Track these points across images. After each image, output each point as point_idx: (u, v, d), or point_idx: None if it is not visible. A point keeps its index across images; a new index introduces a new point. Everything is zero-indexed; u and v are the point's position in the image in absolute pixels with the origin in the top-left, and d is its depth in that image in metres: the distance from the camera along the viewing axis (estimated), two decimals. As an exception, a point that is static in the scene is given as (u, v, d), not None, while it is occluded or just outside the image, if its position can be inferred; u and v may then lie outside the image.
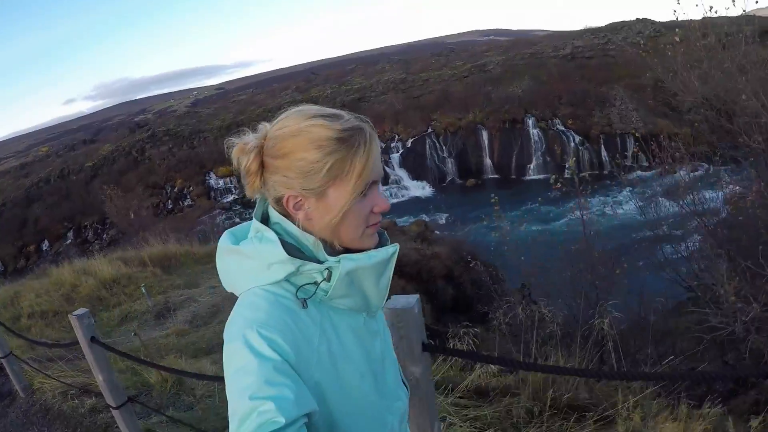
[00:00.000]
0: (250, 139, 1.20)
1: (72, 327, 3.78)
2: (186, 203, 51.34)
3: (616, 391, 3.60)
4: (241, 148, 1.20)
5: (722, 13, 5.66)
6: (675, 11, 5.56)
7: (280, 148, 1.17)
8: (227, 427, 3.34)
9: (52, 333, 8.31)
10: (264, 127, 1.22)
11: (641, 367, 4.25)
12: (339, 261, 1.16)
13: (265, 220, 1.25)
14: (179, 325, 7.56)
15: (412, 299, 1.97)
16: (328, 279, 1.16)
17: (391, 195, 49.47)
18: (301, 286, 1.17)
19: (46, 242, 48.19)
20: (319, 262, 1.17)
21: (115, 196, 23.86)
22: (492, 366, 3.90)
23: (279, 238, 1.16)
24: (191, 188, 52.61)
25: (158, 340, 7.11)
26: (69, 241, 47.21)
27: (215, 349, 6.59)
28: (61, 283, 10.62)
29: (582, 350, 4.06)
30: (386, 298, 1.30)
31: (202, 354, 6.38)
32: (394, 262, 1.27)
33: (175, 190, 52.91)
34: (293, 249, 1.17)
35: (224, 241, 1.25)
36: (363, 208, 1.20)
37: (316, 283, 1.17)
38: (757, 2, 5.03)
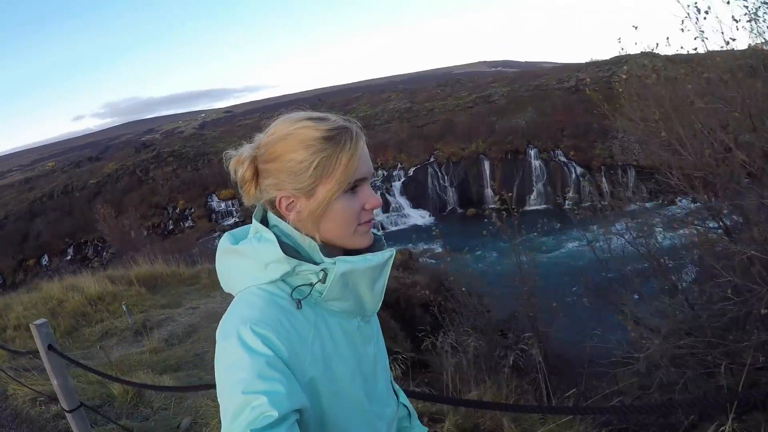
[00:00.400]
0: (245, 149, 1.25)
1: (59, 338, 4.04)
2: (187, 224, 51.56)
3: (542, 422, 3.75)
4: (237, 159, 1.25)
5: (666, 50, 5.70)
6: (622, 48, 5.64)
7: (271, 153, 1.21)
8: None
9: (34, 345, 8.47)
10: (258, 137, 1.26)
11: (567, 394, 4.41)
12: (335, 262, 1.18)
13: (266, 223, 1.28)
14: (155, 343, 7.72)
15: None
16: (324, 280, 1.19)
17: (391, 223, 49.62)
18: (297, 286, 1.20)
19: (46, 257, 48.39)
20: (316, 263, 1.21)
21: (108, 215, 24.09)
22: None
23: (277, 239, 1.19)
24: (193, 210, 52.87)
25: (132, 356, 7.28)
26: (69, 257, 47.41)
27: (183, 367, 6.78)
28: (50, 298, 10.80)
29: (511, 379, 4.25)
30: (381, 302, 1.32)
31: (169, 371, 6.55)
32: (389, 267, 1.29)
33: (177, 210, 53.17)
34: (291, 250, 1.21)
35: (224, 242, 1.29)
36: (353, 204, 1.23)
37: (311, 284, 1.20)
38: (696, 38, 5.08)
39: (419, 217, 50.77)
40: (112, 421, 4.53)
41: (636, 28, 5.31)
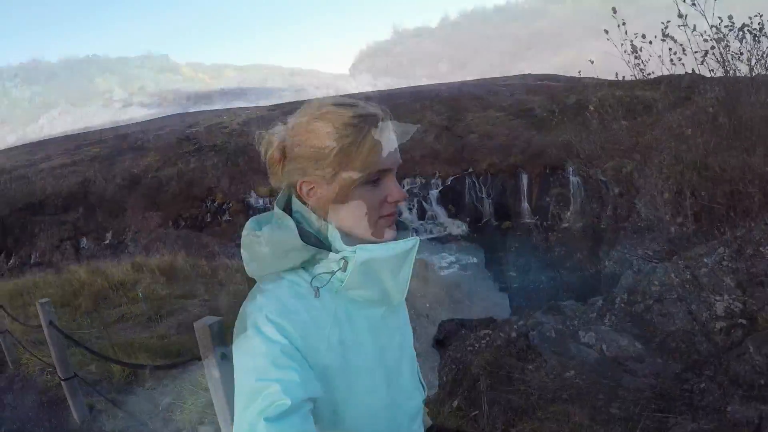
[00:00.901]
0: (275, 130, 1.26)
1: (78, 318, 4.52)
2: (224, 218, 52.12)
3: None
4: (268, 139, 1.25)
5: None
6: (579, 71, 5.59)
7: (296, 137, 1.20)
8: (158, 413, 4.01)
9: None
10: (290, 120, 1.25)
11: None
12: (355, 251, 1.17)
13: (290, 209, 1.27)
14: (163, 330, 8.11)
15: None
16: (344, 269, 1.18)
17: (426, 231, 49.38)
18: (318, 274, 1.20)
19: (84, 240, 49.40)
20: (337, 251, 1.19)
21: (138, 206, 24.96)
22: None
23: (298, 226, 1.19)
24: (231, 204, 53.37)
25: (141, 340, 7.68)
26: (107, 241, 48.36)
27: (183, 354, 7.10)
28: (75, 280, 11.30)
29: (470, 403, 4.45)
30: (406, 292, 1.30)
31: (171, 356, 6.93)
32: (413, 256, 1.26)
33: (215, 204, 53.77)
34: (312, 237, 1.20)
35: (248, 227, 1.28)
36: (374, 196, 1.20)
37: (332, 272, 1.19)
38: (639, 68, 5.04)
39: (455, 227, 50.46)
40: (99, 393, 4.96)
41: (592, 62, 5.31)
